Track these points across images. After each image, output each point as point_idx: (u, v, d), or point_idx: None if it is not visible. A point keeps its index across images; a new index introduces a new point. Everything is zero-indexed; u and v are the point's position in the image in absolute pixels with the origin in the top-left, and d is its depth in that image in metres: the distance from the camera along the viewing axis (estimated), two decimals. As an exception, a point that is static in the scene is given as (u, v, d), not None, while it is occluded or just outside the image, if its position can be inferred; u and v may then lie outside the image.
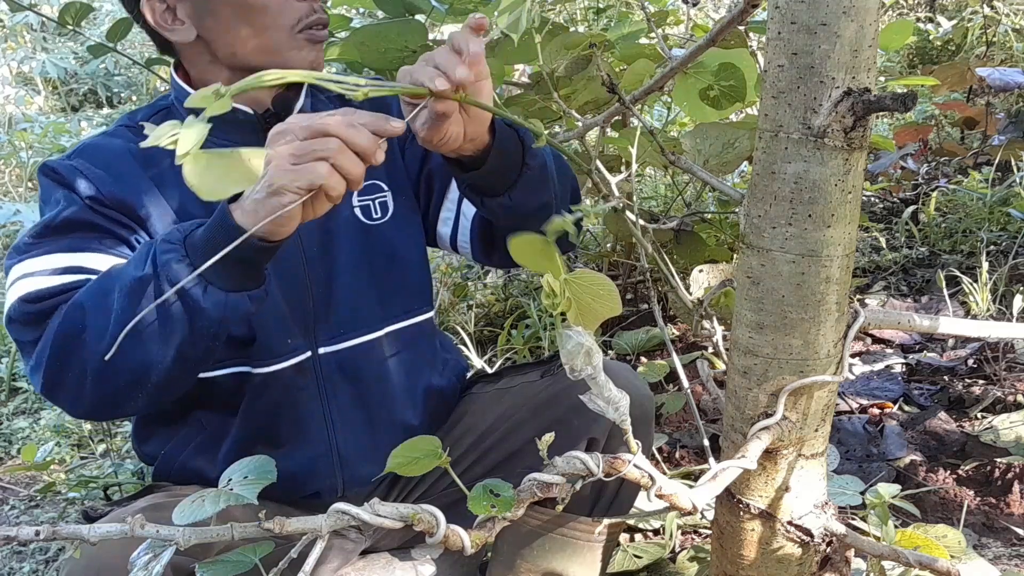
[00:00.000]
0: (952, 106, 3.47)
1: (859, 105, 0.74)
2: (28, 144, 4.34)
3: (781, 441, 0.88)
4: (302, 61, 1.06)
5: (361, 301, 1.17)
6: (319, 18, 1.07)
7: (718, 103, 1.48)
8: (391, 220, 1.20)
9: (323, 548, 0.66)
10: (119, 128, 1.14)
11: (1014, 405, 1.84)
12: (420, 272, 1.25)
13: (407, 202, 1.23)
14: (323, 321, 1.15)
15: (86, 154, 1.09)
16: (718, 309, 1.16)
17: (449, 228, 1.23)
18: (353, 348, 1.17)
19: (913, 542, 1.09)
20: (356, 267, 1.17)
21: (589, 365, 0.70)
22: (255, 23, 1.03)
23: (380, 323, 1.20)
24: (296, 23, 1.05)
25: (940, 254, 2.76)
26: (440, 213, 1.23)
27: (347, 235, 1.17)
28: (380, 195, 1.20)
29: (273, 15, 1.03)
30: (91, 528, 0.64)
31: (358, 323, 1.17)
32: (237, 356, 1.11)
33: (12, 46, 6.31)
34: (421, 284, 1.26)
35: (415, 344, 1.24)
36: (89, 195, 1.04)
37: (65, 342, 0.94)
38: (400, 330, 1.22)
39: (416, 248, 1.24)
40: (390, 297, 1.21)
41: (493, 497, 0.71)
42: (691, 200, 2.62)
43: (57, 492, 2.00)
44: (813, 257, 0.81)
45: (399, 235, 1.21)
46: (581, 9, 3.13)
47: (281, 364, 1.13)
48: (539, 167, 1.04)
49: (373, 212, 1.19)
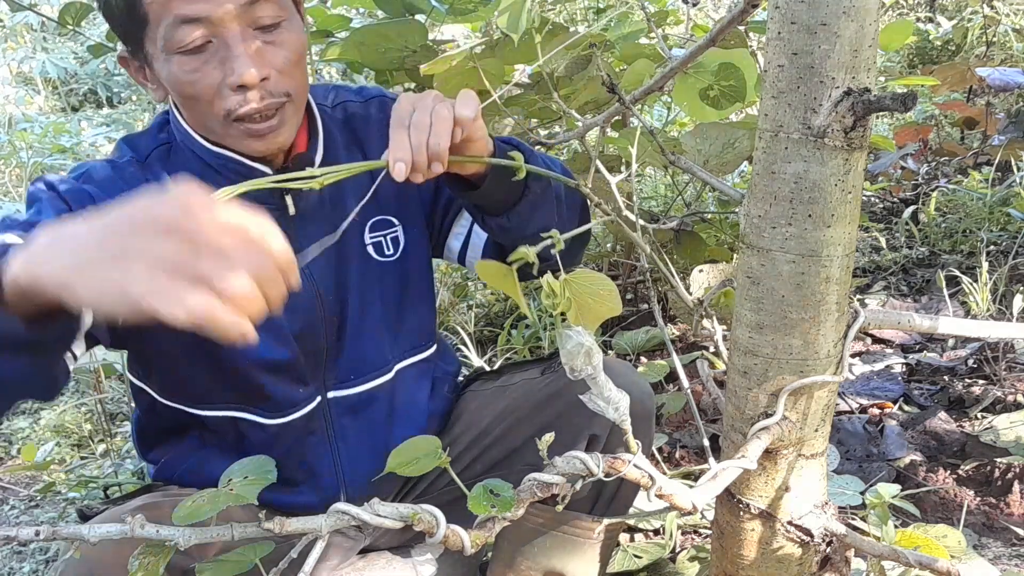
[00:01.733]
0: (952, 106, 3.47)
1: (859, 105, 0.74)
2: (28, 144, 4.33)
3: (781, 441, 0.88)
4: (249, 149, 0.98)
5: (372, 344, 1.14)
6: (251, 109, 0.93)
7: (718, 103, 1.47)
8: (402, 255, 1.16)
9: (323, 547, 0.66)
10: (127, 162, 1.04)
11: (1014, 405, 1.84)
12: (429, 306, 1.22)
13: (417, 231, 1.18)
14: (332, 367, 1.12)
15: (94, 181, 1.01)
16: (718, 309, 1.16)
17: (460, 243, 1.21)
18: (363, 392, 1.15)
19: (913, 542, 1.09)
20: (369, 309, 1.13)
21: (589, 365, 0.70)
22: (193, 109, 0.96)
23: (390, 364, 1.17)
24: (228, 114, 0.93)
25: (940, 254, 2.76)
26: (453, 228, 1.20)
27: (360, 276, 1.12)
28: (391, 231, 1.15)
29: (204, 103, 0.94)
30: (91, 528, 0.64)
31: (369, 366, 1.14)
32: (245, 403, 1.09)
33: (12, 46, 6.31)
34: (429, 318, 1.23)
35: (420, 377, 1.22)
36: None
37: None
38: (408, 366, 1.20)
39: (426, 280, 1.21)
40: (401, 337, 1.18)
41: (493, 497, 0.71)
42: (691, 200, 2.62)
43: (57, 492, 2.00)
44: (813, 257, 0.81)
45: (411, 270, 1.17)
46: (581, 9, 3.13)
47: (293, 415, 1.11)
48: (542, 190, 1.02)
49: (385, 249, 1.14)
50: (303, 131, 1.07)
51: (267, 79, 0.93)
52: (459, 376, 1.35)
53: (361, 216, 1.11)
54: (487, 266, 0.77)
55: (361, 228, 1.12)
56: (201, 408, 1.10)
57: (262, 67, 0.92)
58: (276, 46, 0.94)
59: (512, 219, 1.02)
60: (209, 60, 0.91)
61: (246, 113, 0.93)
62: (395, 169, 0.80)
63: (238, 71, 0.90)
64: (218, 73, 0.92)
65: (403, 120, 0.83)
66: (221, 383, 1.08)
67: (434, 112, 0.82)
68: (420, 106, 0.83)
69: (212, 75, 0.92)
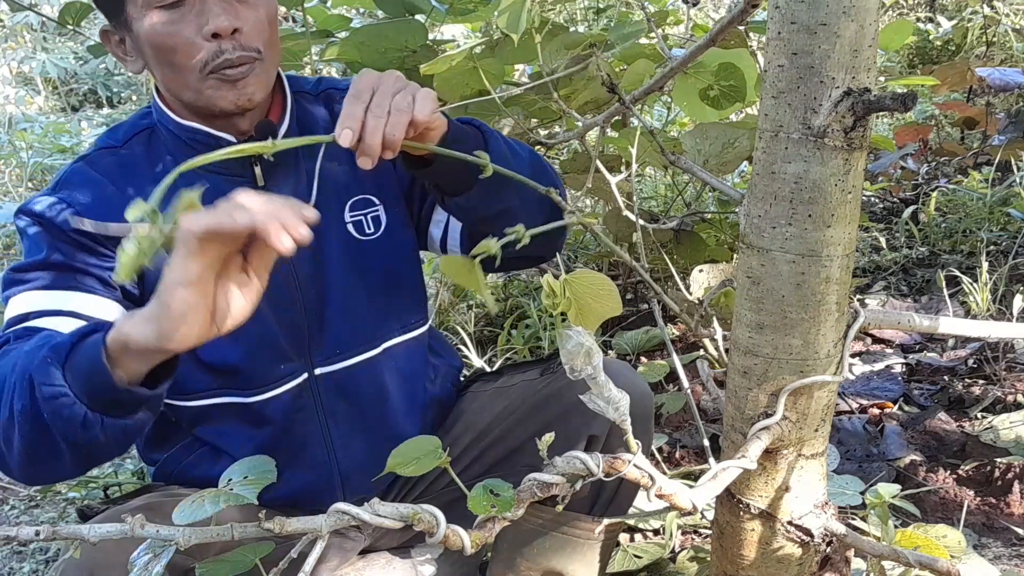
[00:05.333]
0: (952, 106, 3.47)
1: (859, 105, 0.74)
2: (28, 144, 4.34)
3: (781, 441, 0.88)
4: (222, 100, 1.02)
5: (357, 320, 1.15)
6: (226, 59, 1.00)
7: (718, 103, 1.48)
8: (385, 234, 1.18)
9: (323, 547, 0.66)
10: (100, 153, 1.11)
11: (1014, 405, 1.84)
12: (415, 285, 1.24)
13: (400, 215, 1.20)
14: (318, 342, 1.13)
15: (71, 185, 1.07)
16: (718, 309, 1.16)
17: (440, 230, 1.22)
18: (351, 367, 1.16)
19: (913, 542, 1.09)
20: (351, 285, 1.15)
21: (589, 365, 0.70)
22: (170, 63, 1.01)
23: (377, 340, 1.18)
24: (203, 66, 1.00)
25: (940, 254, 2.76)
26: (433, 215, 1.21)
27: (340, 253, 1.14)
28: (372, 210, 1.17)
29: (181, 55, 0.99)
30: (91, 528, 0.64)
31: (355, 342, 1.16)
32: (224, 387, 1.11)
33: (12, 46, 6.31)
34: (416, 297, 1.25)
35: (412, 357, 1.23)
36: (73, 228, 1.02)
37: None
38: (397, 345, 1.21)
39: (411, 261, 1.23)
40: (386, 314, 1.19)
41: (493, 497, 0.71)
42: (691, 200, 2.62)
43: (57, 492, 2.00)
44: (813, 257, 0.81)
45: (394, 249, 1.19)
46: (581, 9, 3.13)
47: (276, 390, 1.12)
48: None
49: (366, 227, 1.16)
50: (276, 107, 1.12)
51: (238, 31, 1.00)
52: (461, 372, 1.35)
53: (341, 196, 1.15)
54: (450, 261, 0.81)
55: (340, 207, 1.15)
56: (185, 399, 1.11)
57: (234, 20, 1.00)
58: (249, 7, 1.02)
59: (471, 199, 1.03)
60: (186, 14, 0.99)
61: (220, 64, 1.00)
62: (342, 136, 0.83)
63: (212, 21, 0.98)
64: (194, 25, 0.99)
65: (362, 96, 0.85)
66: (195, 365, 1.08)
67: (393, 103, 0.85)
68: (381, 89, 0.86)
69: (189, 27, 0.99)
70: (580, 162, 2.12)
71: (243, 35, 1.00)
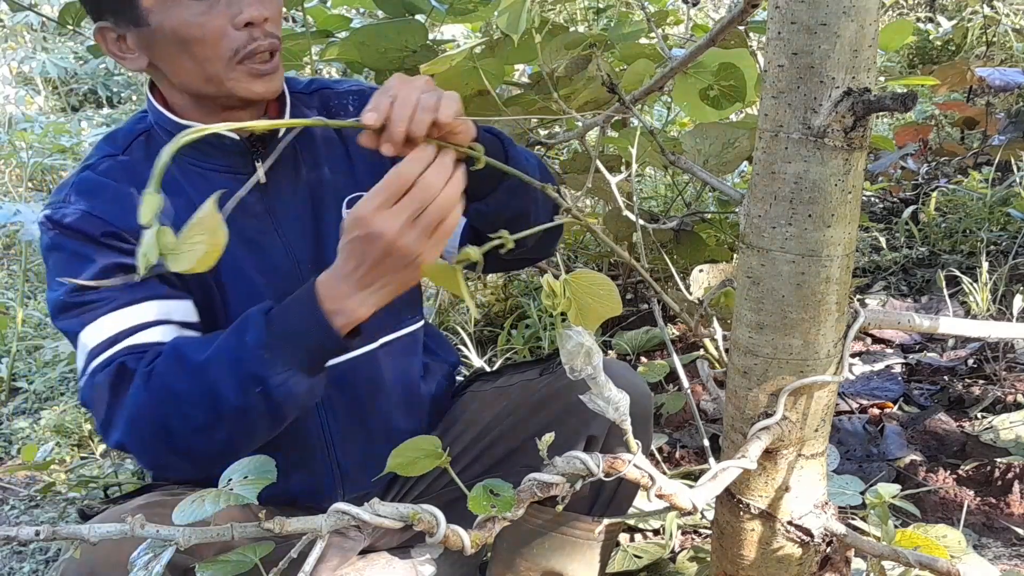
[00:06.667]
0: (952, 106, 3.47)
1: (859, 105, 0.74)
2: (28, 144, 4.33)
3: (781, 441, 0.88)
4: (248, 92, 1.03)
5: None
6: (258, 46, 1.01)
7: (718, 103, 1.48)
8: None
9: (323, 547, 0.66)
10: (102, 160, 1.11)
11: (1014, 405, 1.84)
12: None
13: None
14: None
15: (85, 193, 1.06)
16: (718, 309, 1.16)
17: None
18: (350, 361, 1.15)
19: (913, 542, 1.09)
20: None
21: (589, 365, 0.70)
22: (194, 54, 1.01)
23: (373, 335, 1.18)
24: (234, 54, 1.01)
25: (940, 254, 2.76)
26: None
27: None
28: None
29: (210, 46, 1.00)
30: (91, 528, 0.64)
31: None
32: None
33: (12, 46, 6.31)
34: (412, 294, 1.25)
35: (408, 353, 1.24)
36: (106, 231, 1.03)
37: (163, 433, 0.97)
38: (393, 340, 1.21)
39: None
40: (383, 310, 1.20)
41: (493, 497, 0.71)
42: (691, 200, 2.62)
43: (57, 492, 2.00)
44: (813, 257, 0.81)
45: None
46: (581, 9, 3.13)
47: None
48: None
49: None
50: (274, 105, 1.14)
51: (268, 20, 1.02)
52: (457, 369, 1.36)
53: (339, 192, 1.16)
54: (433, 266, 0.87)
55: (339, 203, 1.16)
56: None
57: (264, 9, 1.01)
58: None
59: (490, 204, 1.05)
60: (214, 5, 1.00)
61: (254, 50, 1.01)
62: (366, 116, 0.85)
63: (247, 10, 1.00)
64: (225, 15, 1.00)
65: (390, 91, 0.87)
66: None
67: (420, 101, 0.86)
68: (409, 86, 0.88)
69: (219, 17, 1.00)
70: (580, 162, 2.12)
71: (270, 24, 1.03)
